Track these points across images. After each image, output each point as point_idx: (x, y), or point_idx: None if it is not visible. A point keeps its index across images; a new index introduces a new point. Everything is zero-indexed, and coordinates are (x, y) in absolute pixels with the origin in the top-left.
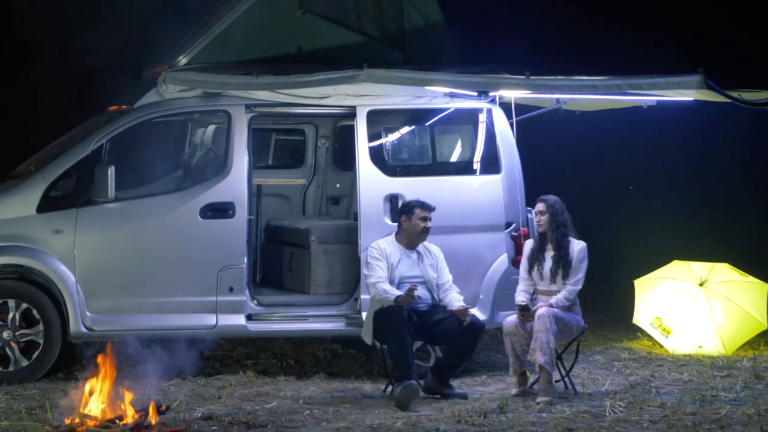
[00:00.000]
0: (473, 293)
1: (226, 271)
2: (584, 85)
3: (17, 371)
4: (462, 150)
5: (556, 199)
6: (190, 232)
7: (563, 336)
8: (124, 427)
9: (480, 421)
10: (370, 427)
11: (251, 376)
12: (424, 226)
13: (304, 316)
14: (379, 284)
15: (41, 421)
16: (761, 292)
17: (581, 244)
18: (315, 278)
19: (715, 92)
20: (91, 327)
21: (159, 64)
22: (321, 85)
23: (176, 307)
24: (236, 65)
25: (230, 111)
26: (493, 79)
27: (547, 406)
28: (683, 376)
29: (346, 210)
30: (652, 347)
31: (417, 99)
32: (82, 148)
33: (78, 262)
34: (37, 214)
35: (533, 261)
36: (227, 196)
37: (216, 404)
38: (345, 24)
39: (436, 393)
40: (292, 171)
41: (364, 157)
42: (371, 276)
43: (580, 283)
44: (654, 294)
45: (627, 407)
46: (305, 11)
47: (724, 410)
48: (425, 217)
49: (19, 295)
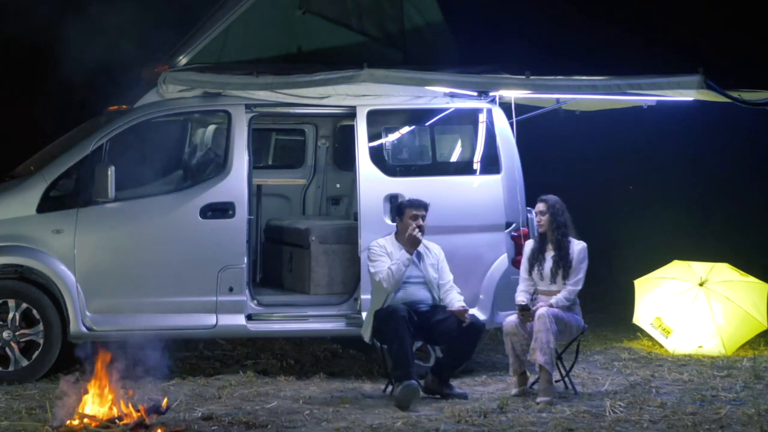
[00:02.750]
0: (473, 293)
1: (226, 271)
2: (584, 85)
3: (17, 371)
4: (462, 150)
5: (557, 199)
6: (190, 232)
7: (563, 336)
8: (124, 427)
9: (480, 421)
10: (370, 427)
11: (251, 376)
12: (416, 225)
13: (304, 316)
14: (393, 268)
15: (41, 421)
16: (761, 292)
17: (581, 244)
18: (315, 278)
19: (715, 92)
20: (91, 327)
21: (159, 64)
22: (321, 85)
23: (176, 307)
24: (236, 65)
25: (230, 111)
26: (493, 79)
27: (547, 406)
28: (683, 376)
29: (346, 210)
30: (652, 347)
31: (417, 99)
32: (82, 148)
33: (78, 262)
34: (37, 214)
35: (533, 261)
36: (227, 196)
37: (216, 404)
38: (345, 24)
39: (436, 393)
40: (292, 171)
41: (364, 157)
42: (378, 272)
43: (580, 284)
44: (654, 294)
45: (627, 407)
46: (305, 11)
47: (724, 410)
48: (416, 215)
49: (19, 295)
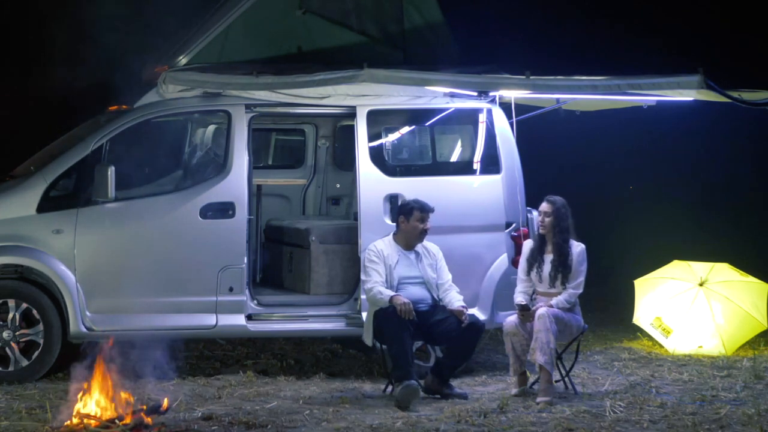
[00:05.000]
0: (473, 293)
1: (226, 271)
2: (584, 85)
3: (17, 371)
4: (462, 150)
5: (563, 202)
6: (190, 232)
7: (563, 336)
8: (124, 427)
9: (480, 421)
10: (370, 427)
11: (251, 376)
12: (423, 228)
13: (304, 316)
14: (375, 288)
15: (41, 421)
16: (761, 292)
17: (580, 246)
18: (315, 278)
19: (715, 92)
20: (91, 327)
21: (159, 64)
22: (321, 85)
23: (176, 307)
24: (236, 65)
25: (230, 111)
26: (493, 79)
27: (547, 406)
28: (683, 376)
29: (346, 210)
30: (652, 347)
31: (417, 99)
32: (82, 148)
33: (78, 262)
34: (37, 214)
35: (532, 262)
36: (227, 196)
37: (216, 404)
38: (345, 24)
39: (436, 393)
40: (292, 171)
41: (364, 157)
42: (368, 281)
43: (581, 287)
44: (654, 294)
45: (627, 407)
46: (305, 11)
47: (724, 410)
48: (423, 218)
49: (19, 295)
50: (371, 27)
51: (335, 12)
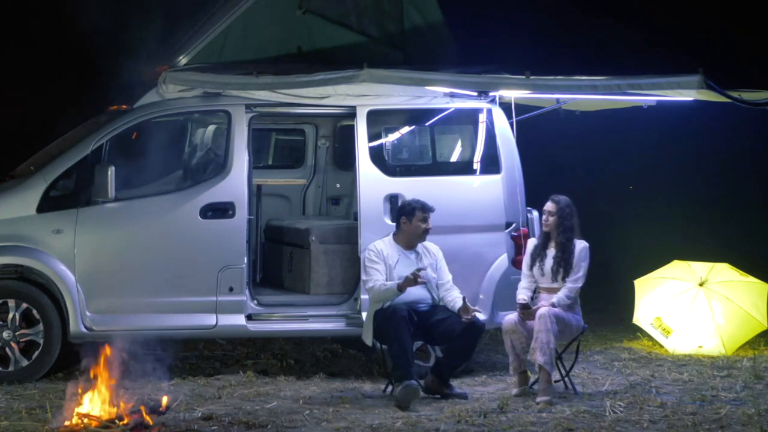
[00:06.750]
0: (473, 293)
1: (226, 271)
2: (584, 85)
3: (17, 371)
4: (462, 150)
5: (568, 202)
6: (190, 232)
7: (563, 336)
8: (124, 427)
9: (480, 421)
10: (370, 427)
11: (251, 376)
12: (425, 228)
13: (304, 316)
14: (377, 283)
15: (41, 421)
16: (761, 292)
17: (583, 243)
18: (315, 278)
19: (715, 92)
20: (91, 327)
21: (159, 64)
22: (321, 85)
23: (176, 307)
24: (236, 65)
25: (230, 111)
26: (493, 79)
27: (547, 406)
28: (683, 376)
29: (346, 210)
30: (652, 347)
31: (417, 99)
32: (82, 148)
33: (78, 262)
34: (37, 214)
35: (535, 257)
36: (227, 196)
37: (216, 404)
38: (345, 24)
39: (436, 393)
40: (292, 171)
41: (364, 157)
42: (369, 281)
43: (580, 281)
44: (654, 294)
45: (627, 407)
46: (305, 11)
47: (724, 410)
48: (426, 218)
49: (19, 295)
50: (371, 27)
51: (335, 12)
